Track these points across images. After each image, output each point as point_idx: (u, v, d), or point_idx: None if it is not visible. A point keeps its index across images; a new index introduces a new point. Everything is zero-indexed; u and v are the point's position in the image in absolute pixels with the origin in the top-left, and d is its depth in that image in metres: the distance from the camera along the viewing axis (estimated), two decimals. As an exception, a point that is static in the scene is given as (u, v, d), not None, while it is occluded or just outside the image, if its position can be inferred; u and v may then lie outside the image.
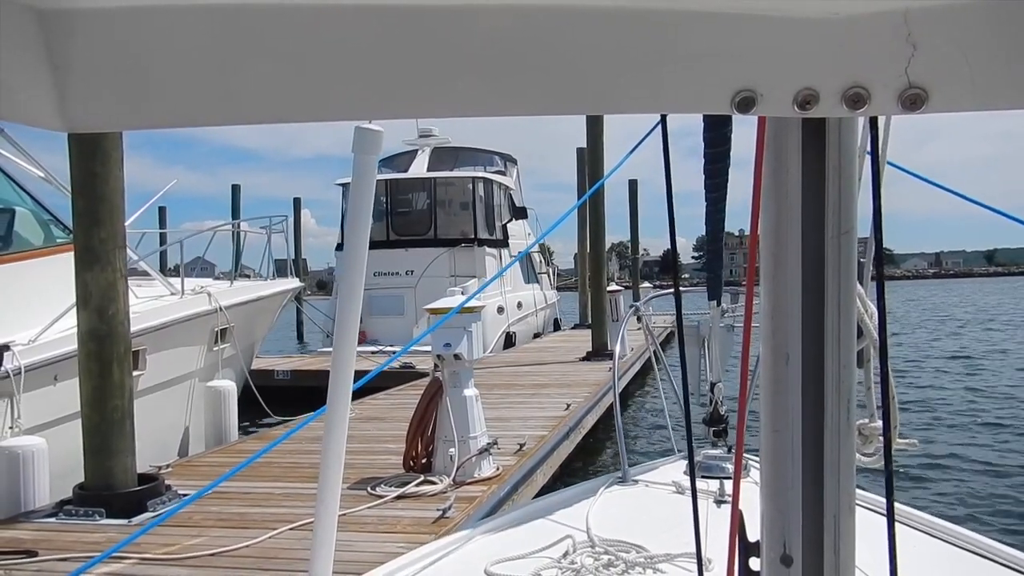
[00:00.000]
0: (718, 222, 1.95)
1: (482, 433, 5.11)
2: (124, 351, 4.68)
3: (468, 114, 0.67)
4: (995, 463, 7.89)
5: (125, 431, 4.62)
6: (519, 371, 11.52)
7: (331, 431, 1.36)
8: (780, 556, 0.84)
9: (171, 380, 7.42)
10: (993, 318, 28.82)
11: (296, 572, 3.64)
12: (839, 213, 0.79)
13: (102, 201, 4.68)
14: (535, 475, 5.73)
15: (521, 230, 19.59)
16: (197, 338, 7.91)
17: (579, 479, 7.48)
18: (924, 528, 2.29)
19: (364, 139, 1.31)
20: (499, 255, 17.35)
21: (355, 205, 1.34)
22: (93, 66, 0.67)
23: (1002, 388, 12.54)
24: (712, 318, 2.89)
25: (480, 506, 4.55)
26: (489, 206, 17.35)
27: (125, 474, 4.62)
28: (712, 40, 0.64)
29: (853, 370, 0.82)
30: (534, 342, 17.55)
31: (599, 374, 10.67)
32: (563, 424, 7.17)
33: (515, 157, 20.86)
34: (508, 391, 9.36)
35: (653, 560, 2.12)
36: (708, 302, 2.81)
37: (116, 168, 4.76)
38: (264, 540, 4.04)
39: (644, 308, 3.61)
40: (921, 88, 0.63)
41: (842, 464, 0.81)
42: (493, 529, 2.42)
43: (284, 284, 10.79)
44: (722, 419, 2.96)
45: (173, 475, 5.41)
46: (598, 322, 12.99)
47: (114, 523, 4.40)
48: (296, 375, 12.28)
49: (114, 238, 4.71)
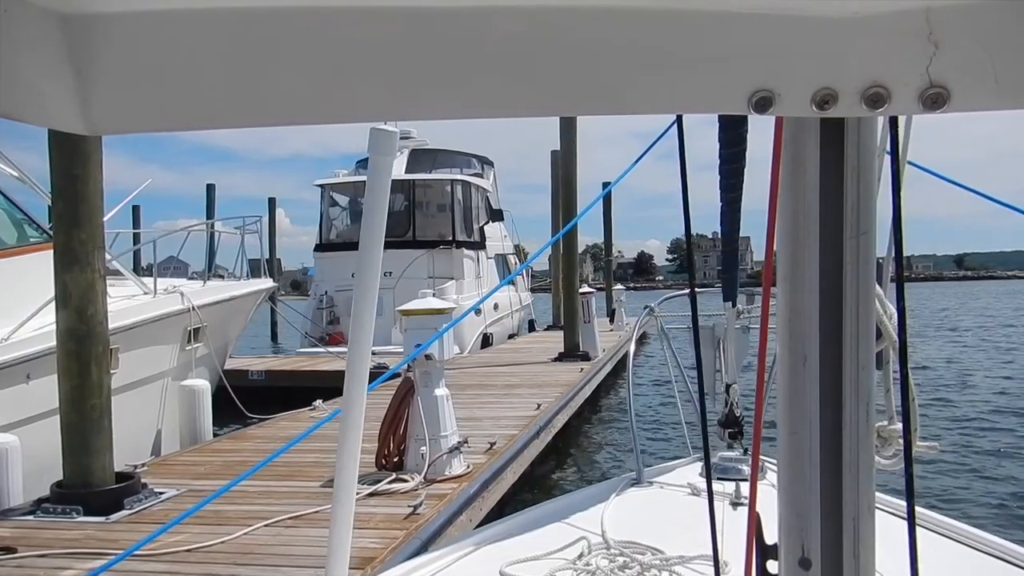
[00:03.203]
0: (734, 223, 1.93)
1: (452, 432, 5.25)
2: (103, 351, 4.76)
3: (485, 115, 0.67)
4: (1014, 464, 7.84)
5: (103, 430, 4.70)
6: (492, 371, 11.66)
7: (346, 431, 1.33)
8: (798, 559, 0.83)
9: (144, 379, 7.45)
10: (955, 325, 29.23)
11: (270, 567, 3.75)
12: (857, 213, 0.78)
13: (82, 203, 4.75)
14: (505, 473, 5.88)
15: (497, 232, 19.77)
16: (170, 337, 7.95)
17: (549, 477, 7.66)
18: (945, 532, 2.24)
19: (380, 140, 1.31)
20: (476, 257, 17.51)
21: (371, 205, 1.32)
22: (115, 69, 0.68)
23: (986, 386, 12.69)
24: (728, 319, 2.87)
25: (450, 503, 4.70)
26: (467, 208, 17.50)
27: (103, 472, 4.70)
28: (729, 40, 0.64)
29: (872, 372, 0.81)
30: (508, 343, 17.73)
31: (571, 375, 10.86)
32: (533, 423, 7.33)
33: (492, 160, 21.02)
34: (481, 391, 9.51)
35: (669, 562, 2.09)
36: (724, 303, 2.77)
37: (96, 170, 4.83)
38: (239, 536, 4.13)
39: (657, 308, 3.49)
40: (943, 87, 0.62)
41: (861, 467, 0.81)
42: (508, 530, 2.40)
43: (257, 284, 10.83)
44: (738, 421, 2.93)
45: (149, 474, 5.47)
46: (570, 324, 13.15)
47: (92, 520, 4.48)
48: (270, 375, 12.32)
49: (93, 239, 4.78)
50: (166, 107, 0.69)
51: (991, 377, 14.16)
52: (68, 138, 4.73)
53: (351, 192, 17.62)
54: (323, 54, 0.65)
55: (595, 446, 9.50)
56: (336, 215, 17.84)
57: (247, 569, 3.76)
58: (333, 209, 17.71)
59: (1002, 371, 15.07)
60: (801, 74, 0.64)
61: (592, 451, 9.23)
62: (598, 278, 30.23)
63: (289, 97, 0.68)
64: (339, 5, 0.64)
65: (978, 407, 11.07)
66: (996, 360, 16.97)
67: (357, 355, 1.31)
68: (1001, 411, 10.79)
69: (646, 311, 3.37)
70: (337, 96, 0.67)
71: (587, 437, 9.91)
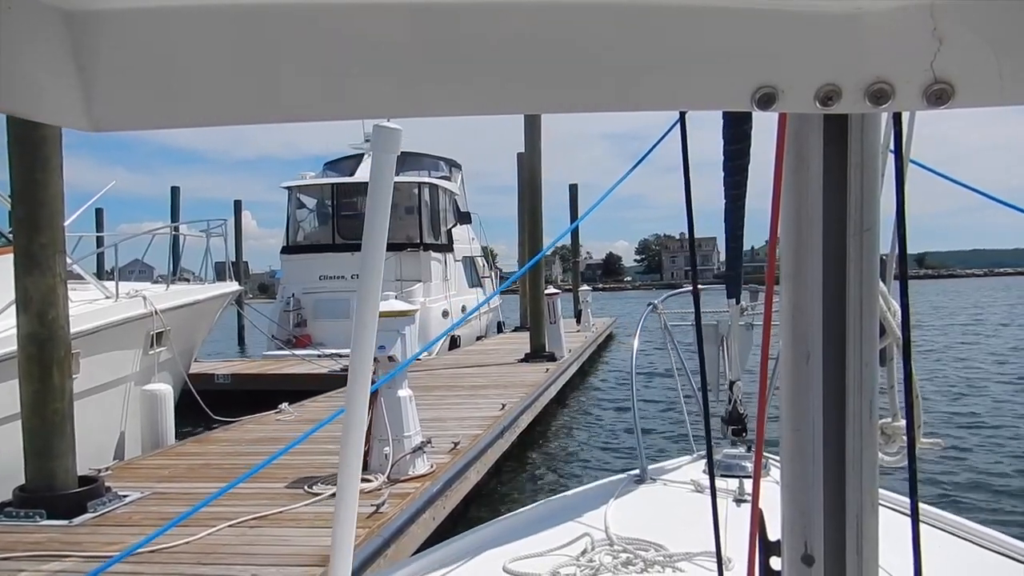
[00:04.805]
0: (738, 219, 1.93)
1: (416, 432, 5.33)
2: (64, 355, 4.77)
3: (488, 112, 0.67)
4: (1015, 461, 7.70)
5: (65, 434, 4.72)
6: (459, 373, 11.74)
7: (349, 431, 1.31)
8: (801, 556, 0.83)
9: (105, 384, 7.42)
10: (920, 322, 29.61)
11: (234, 566, 3.80)
12: (861, 210, 0.78)
13: (42, 207, 4.76)
14: (468, 472, 5.98)
15: (465, 234, 19.84)
16: (132, 342, 7.91)
17: (514, 477, 7.76)
18: (948, 528, 2.24)
19: (383, 137, 1.29)
20: (444, 259, 17.57)
21: (374, 203, 1.30)
22: (119, 66, 0.67)
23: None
24: (731, 316, 2.88)
25: (413, 501, 4.78)
26: (434, 211, 17.56)
27: (66, 475, 4.71)
28: (732, 36, 0.64)
29: (875, 368, 0.81)
30: (476, 344, 17.84)
31: (536, 375, 10.98)
32: (497, 423, 7.44)
33: (459, 162, 21.09)
34: (447, 392, 9.59)
35: (672, 559, 2.09)
36: (727, 300, 2.78)
37: (56, 175, 4.84)
38: (203, 536, 4.17)
39: (661, 306, 3.47)
40: (947, 83, 0.62)
41: (864, 463, 0.81)
42: (511, 527, 2.40)
43: (223, 288, 10.77)
44: (741, 418, 2.95)
45: (112, 477, 5.49)
46: (536, 325, 13.28)
47: (55, 524, 4.49)
48: (236, 379, 12.24)
49: (54, 244, 4.79)
50: (169, 104, 0.69)
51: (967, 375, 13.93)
52: (28, 141, 4.74)
53: (318, 194, 17.58)
54: (325, 51, 0.65)
55: (560, 445, 9.63)
56: (303, 217, 17.78)
57: (211, 569, 3.80)
58: (300, 211, 17.65)
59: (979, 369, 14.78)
60: (804, 70, 0.64)
61: (556, 450, 9.35)
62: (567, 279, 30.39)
63: (291, 93, 0.68)
64: (342, 2, 0.64)
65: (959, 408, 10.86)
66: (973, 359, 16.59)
67: (360, 355, 1.28)
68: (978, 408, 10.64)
69: (649, 308, 3.36)
70: (340, 93, 0.67)
71: (553, 436, 10.04)
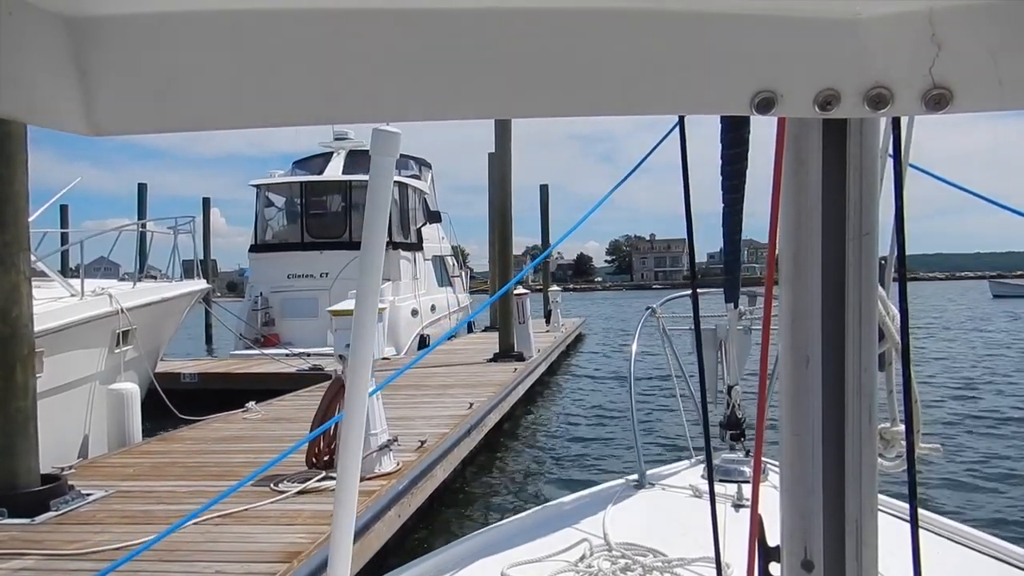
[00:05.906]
0: (736, 224, 1.94)
1: (382, 431, 5.38)
2: (28, 353, 4.76)
3: (488, 116, 0.68)
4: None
5: (28, 432, 4.71)
6: (428, 372, 11.77)
7: (348, 431, 1.35)
8: (801, 561, 0.83)
9: (70, 383, 7.37)
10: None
11: (198, 563, 3.84)
12: (860, 214, 0.78)
13: (6, 204, 4.74)
14: (435, 470, 6.04)
15: (435, 233, 19.87)
16: (97, 340, 7.86)
17: (481, 475, 7.83)
18: (947, 534, 2.23)
19: (381, 141, 1.30)
20: (413, 258, 17.58)
21: (372, 206, 1.31)
22: (119, 71, 0.68)
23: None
24: (729, 320, 2.86)
25: (378, 499, 4.85)
26: (404, 210, 17.55)
27: (29, 474, 4.71)
28: (731, 41, 0.64)
29: (874, 373, 0.81)
30: (445, 344, 17.84)
31: (505, 375, 11.07)
32: (464, 422, 7.50)
33: (430, 162, 21.11)
34: (415, 391, 9.65)
35: (671, 564, 2.08)
36: (726, 304, 2.76)
37: (20, 171, 4.83)
38: (167, 535, 4.20)
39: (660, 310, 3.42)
40: (946, 88, 0.62)
41: (864, 468, 0.80)
42: (509, 532, 2.40)
43: (190, 286, 10.72)
44: (740, 422, 2.93)
45: (76, 476, 5.47)
46: (505, 325, 13.36)
47: (17, 522, 4.49)
48: (203, 378, 12.17)
49: (18, 241, 4.78)
50: (169, 108, 0.69)
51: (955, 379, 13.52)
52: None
53: (287, 192, 17.49)
54: (324, 55, 0.66)
55: (527, 442, 9.72)
56: (272, 215, 17.67)
57: (175, 566, 3.83)
58: (268, 210, 17.54)
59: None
60: (804, 75, 0.64)
61: (523, 448, 9.45)
62: (538, 279, 30.56)
63: (291, 98, 0.68)
64: (340, 7, 0.64)
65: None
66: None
67: (359, 357, 1.30)
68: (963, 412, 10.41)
69: (648, 312, 3.33)
70: (339, 97, 0.67)
71: (520, 435, 10.13)
